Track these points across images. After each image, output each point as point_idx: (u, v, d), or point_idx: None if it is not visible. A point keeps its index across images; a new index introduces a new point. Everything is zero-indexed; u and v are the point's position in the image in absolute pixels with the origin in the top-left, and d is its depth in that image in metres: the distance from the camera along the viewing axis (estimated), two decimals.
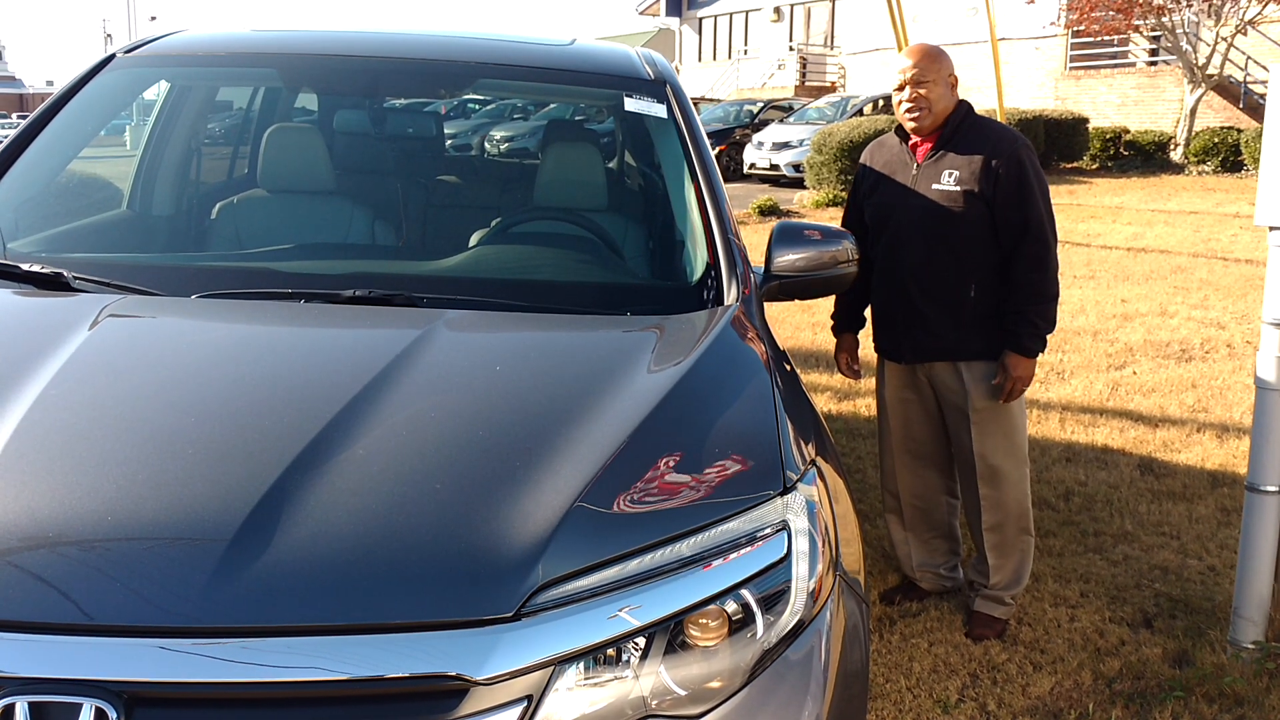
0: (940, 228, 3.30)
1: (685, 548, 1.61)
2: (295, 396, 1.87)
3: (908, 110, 3.31)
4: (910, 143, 3.41)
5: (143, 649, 1.39)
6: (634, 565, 1.57)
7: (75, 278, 2.27)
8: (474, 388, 1.95)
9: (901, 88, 3.32)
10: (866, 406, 5.96)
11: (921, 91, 3.28)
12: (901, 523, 3.71)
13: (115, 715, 1.35)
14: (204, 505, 1.55)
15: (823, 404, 6.02)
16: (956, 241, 3.31)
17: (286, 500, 1.55)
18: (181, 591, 1.43)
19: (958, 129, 3.33)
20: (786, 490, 1.75)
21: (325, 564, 1.48)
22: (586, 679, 1.50)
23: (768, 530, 1.68)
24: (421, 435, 1.75)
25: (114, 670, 1.37)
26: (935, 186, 3.31)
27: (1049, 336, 3.34)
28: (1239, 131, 19.25)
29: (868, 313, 3.66)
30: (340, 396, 1.79)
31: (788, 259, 2.61)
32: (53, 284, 2.26)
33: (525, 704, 1.45)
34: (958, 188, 3.27)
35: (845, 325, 3.74)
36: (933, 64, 3.29)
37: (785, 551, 1.68)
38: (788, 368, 2.33)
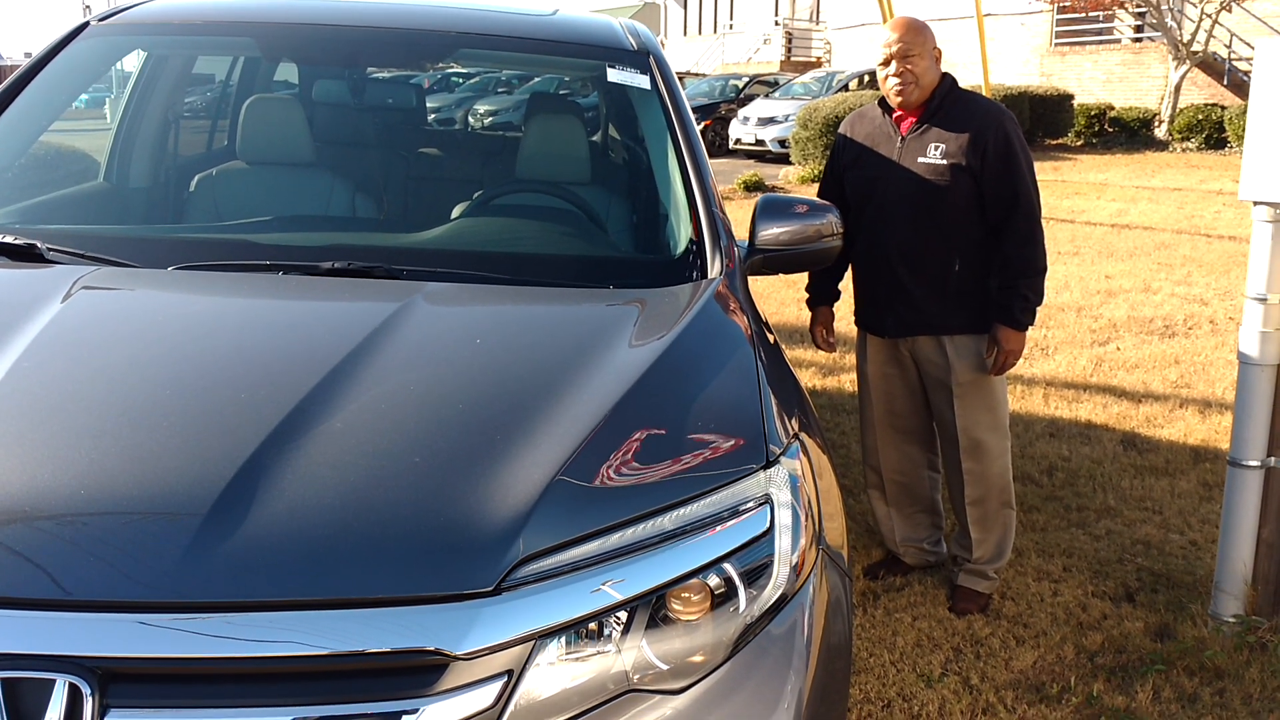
0: (926, 202, 3.27)
1: (667, 521, 1.60)
2: (272, 369, 1.84)
3: (894, 85, 3.26)
4: (894, 115, 3.36)
5: (118, 624, 1.37)
6: (615, 539, 1.56)
7: (49, 249, 2.23)
8: (454, 361, 1.93)
9: (887, 62, 3.27)
10: (850, 381, 5.95)
11: (908, 66, 3.24)
12: (884, 498, 3.70)
13: (89, 691, 1.33)
14: (179, 479, 1.53)
15: (806, 379, 6.01)
16: (942, 216, 3.29)
17: (263, 474, 1.53)
18: (157, 566, 1.41)
19: (943, 102, 3.29)
20: (769, 464, 1.74)
21: (303, 538, 1.46)
22: (568, 653, 1.49)
23: (750, 504, 1.67)
24: (400, 408, 1.73)
25: (88, 646, 1.35)
26: (921, 160, 3.28)
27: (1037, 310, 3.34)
28: (1223, 109, 19.27)
29: (844, 286, 3.63)
30: (318, 369, 1.77)
31: (772, 233, 2.59)
32: (26, 255, 2.23)
33: (505, 679, 1.44)
34: (944, 161, 3.24)
35: (820, 298, 3.70)
36: (918, 37, 3.25)
37: (768, 525, 1.67)
38: (771, 341, 2.32)
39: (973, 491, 3.48)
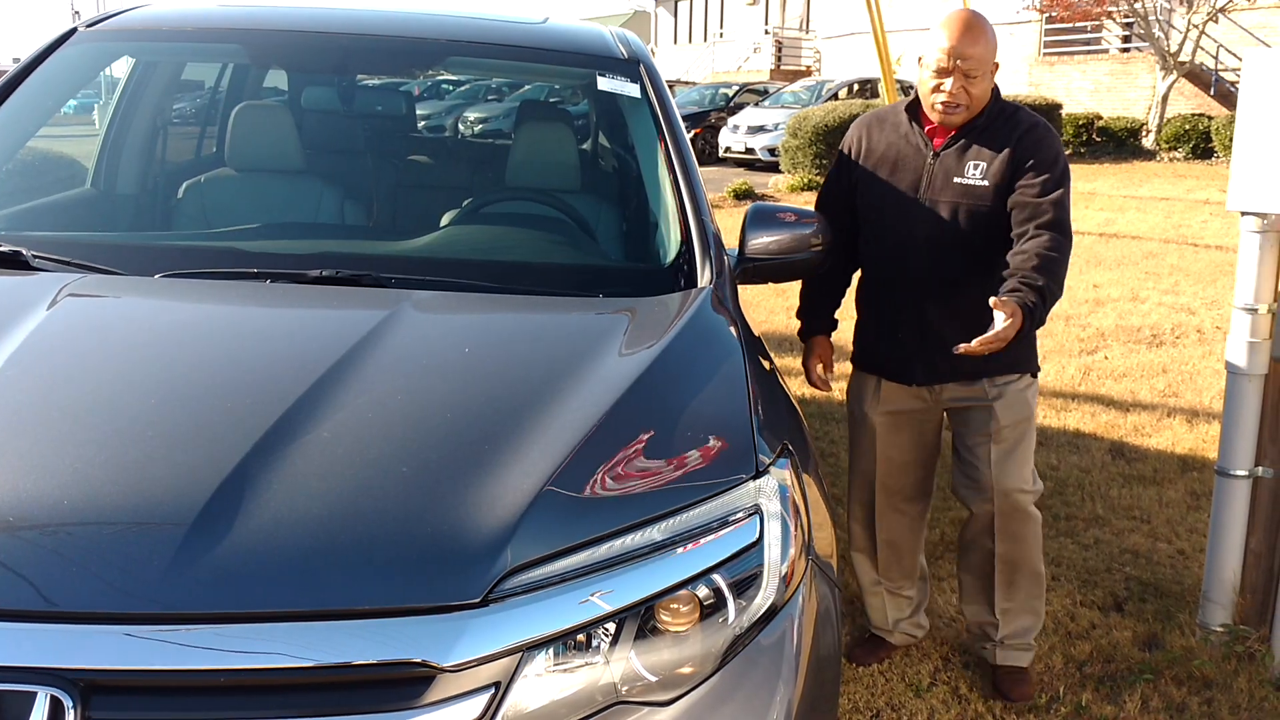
0: (960, 228, 2.77)
1: (656, 532, 1.59)
2: (258, 378, 1.83)
3: (940, 102, 2.73)
4: (925, 125, 2.85)
5: (100, 636, 1.35)
6: (604, 550, 1.55)
7: (35, 256, 2.22)
8: (442, 370, 1.92)
9: (942, 72, 2.70)
10: (839, 390, 5.95)
11: (965, 86, 2.70)
12: (874, 565, 3.19)
13: (71, 704, 1.31)
14: (164, 489, 1.51)
15: (796, 388, 6.01)
16: (980, 245, 2.77)
17: (249, 484, 1.52)
18: (141, 577, 1.40)
19: (988, 116, 2.79)
20: (759, 474, 1.73)
21: (289, 549, 1.45)
22: (556, 665, 1.48)
23: (740, 514, 1.66)
24: (388, 418, 1.72)
25: (70, 658, 1.34)
26: (957, 180, 2.76)
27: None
28: (1210, 119, 19.38)
29: (839, 313, 3.17)
30: (305, 378, 1.76)
31: (761, 241, 2.59)
32: (11, 263, 2.21)
33: (493, 691, 1.43)
34: (984, 182, 2.74)
35: (815, 327, 3.16)
36: (984, 52, 2.70)
37: (757, 536, 1.66)
38: (761, 351, 2.31)
39: (1006, 569, 3.01)
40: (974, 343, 2.48)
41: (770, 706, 1.61)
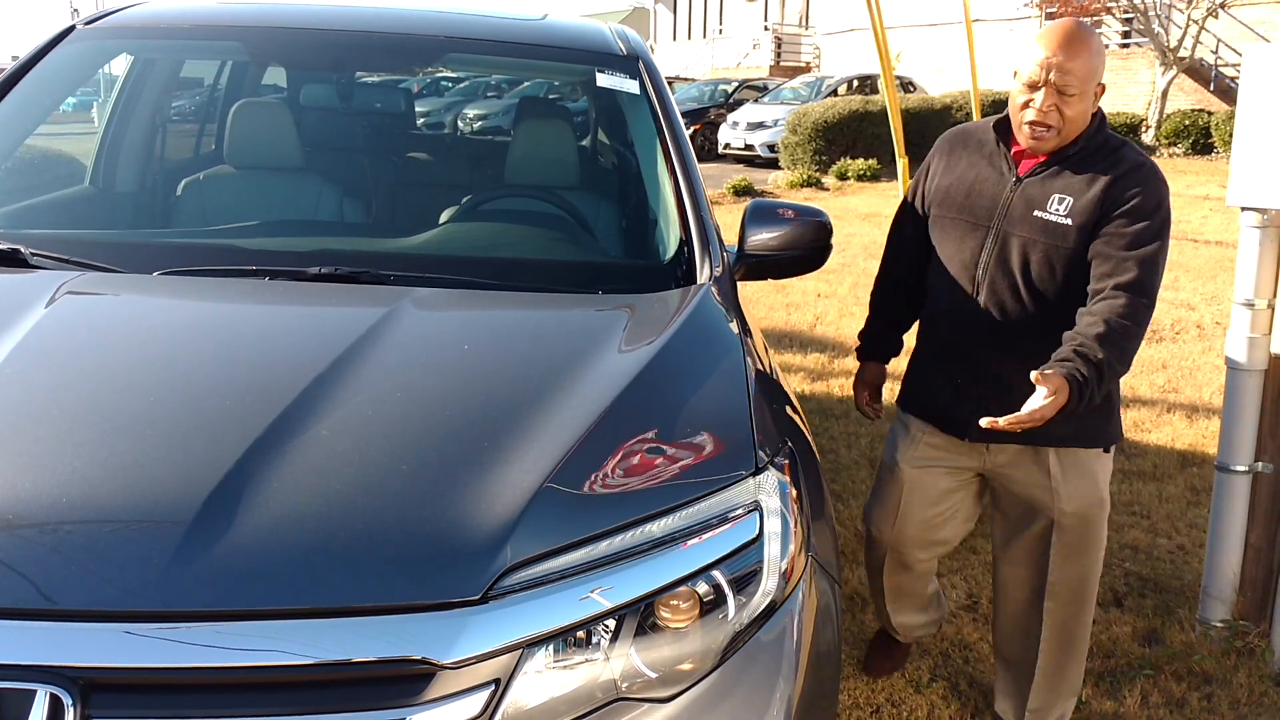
0: (1035, 270, 2.44)
1: (656, 528, 1.59)
2: (258, 375, 1.83)
3: (1030, 121, 2.39)
4: (1013, 148, 2.52)
5: (100, 634, 1.35)
6: (604, 547, 1.55)
7: (33, 254, 2.22)
8: (441, 367, 1.92)
9: (1035, 85, 2.37)
10: (840, 386, 5.96)
11: (1061, 105, 2.36)
12: (881, 602, 3.00)
13: (70, 701, 1.31)
14: (163, 486, 1.51)
15: (796, 384, 6.02)
16: (1056, 291, 2.43)
17: (248, 481, 1.52)
18: (140, 575, 1.40)
19: (1086, 145, 2.43)
20: (758, 470, 1.73)
21: (289, 546, 1.45)
22: (556, 662, 1.48)
23: (739, 511, 1.66)
24: (387, 415, 1.72)
25: (70, 656, 1.34)
26: (1038, 214, 2.42)
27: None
28: (1209, 114, 19.38)
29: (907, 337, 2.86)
30: (304, 375, 1.76)
31: (761, 238, 2.59)
32: (10, 261, 2.21)
33: (493, 687, 1.43)
34: (1069, 220, 2.39)
35: (875, 350, 2.91)
36: (1087, 67, 2.34)
37: (757, 532, 1.66)
38: (761, 347, 2.31)
39: (1049, 661, 2.72)
40: (1003, 420, 2.18)
41: (770, 703, 1.61)
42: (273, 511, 1.49)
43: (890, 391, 2.97)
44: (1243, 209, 3.11)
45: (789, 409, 2.12)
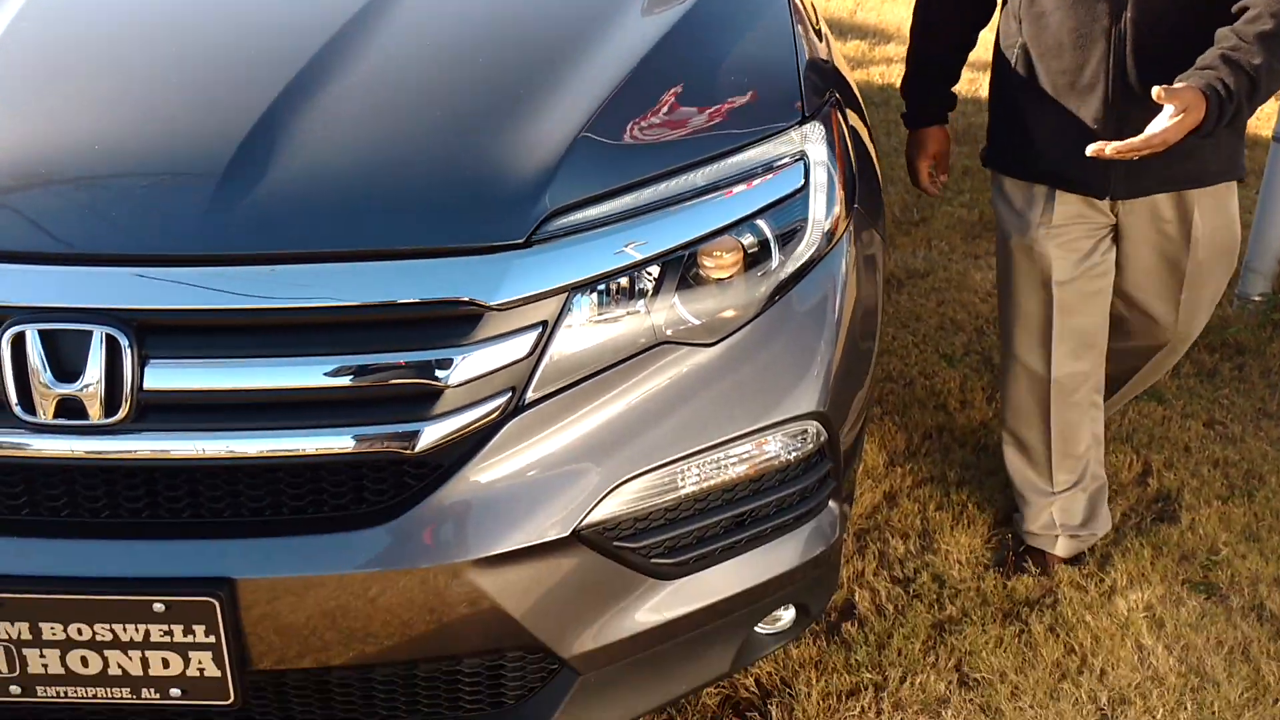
0: None
1: (699, 177, 1.56)
2: (284, 23, 1.76)
3: None
4: None
5: (150, 278, 1.36)
6: (646, 194, 1.52)
7: None
8: (472, 17, 1.83)
9: None
10: (880, 75, 5.76)
11: None
12: (1029, 462, 2.37)
13: (127, 342, 1.33)
14: (197, 133, 1.49)
15: None
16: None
17: (281, 128, 1.48)
18: (184, 220, 1.39)
19: None
20: (804, 120, 1.67)
21: (328, 190, 1.43)
22: (601, 306, 1.48)
23: (785, 160, 1.62)
24: (420, 63, 1.66)
25: (123, 298, 1.35)
26: None
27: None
28: None
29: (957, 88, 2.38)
30: (333, 22, 1.69)
31: None
32: None
33: (540, 330, 1.44)
34: None
35: (925, 112, 2.36)
36: None
37: (802, 182, 1.62)
38: (807, 4, 2.19)
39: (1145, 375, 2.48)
40: (1109, 147, 1.82)
41: (813, 350, 1.62)
42: (309, 157, 1.46)
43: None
44: None
45: (835, 65, 2.03)
